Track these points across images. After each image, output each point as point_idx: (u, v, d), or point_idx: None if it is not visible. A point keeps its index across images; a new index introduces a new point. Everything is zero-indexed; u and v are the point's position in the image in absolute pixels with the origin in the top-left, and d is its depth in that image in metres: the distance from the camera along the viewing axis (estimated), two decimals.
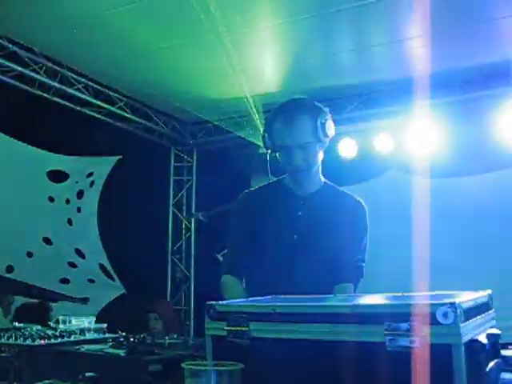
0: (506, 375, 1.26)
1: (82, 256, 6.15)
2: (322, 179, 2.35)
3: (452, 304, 0.88)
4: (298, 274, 2.16)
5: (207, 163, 7.34)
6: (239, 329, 1.12)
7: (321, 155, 2.27)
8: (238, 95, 5.99)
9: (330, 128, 2.19)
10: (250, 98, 5.99)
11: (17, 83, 5.07)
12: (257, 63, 5.49)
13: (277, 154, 2.25)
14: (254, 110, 6.03)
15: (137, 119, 6.43)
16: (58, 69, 5.31)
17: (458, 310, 0.88)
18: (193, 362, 1.08)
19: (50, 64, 5.21)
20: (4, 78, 4.97)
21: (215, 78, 5.68)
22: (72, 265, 6.02)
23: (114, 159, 6.49)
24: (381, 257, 5.84)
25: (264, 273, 2.25)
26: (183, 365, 1.07)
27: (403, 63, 5.17)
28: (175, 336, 2.32)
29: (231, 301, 1.21)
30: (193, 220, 7.57)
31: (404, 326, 0.91)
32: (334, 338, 0.98)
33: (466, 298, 0.98)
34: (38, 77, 5.14)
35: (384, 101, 5.90)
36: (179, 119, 7.11)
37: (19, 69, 4.97)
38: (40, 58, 5.13)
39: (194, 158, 7.68)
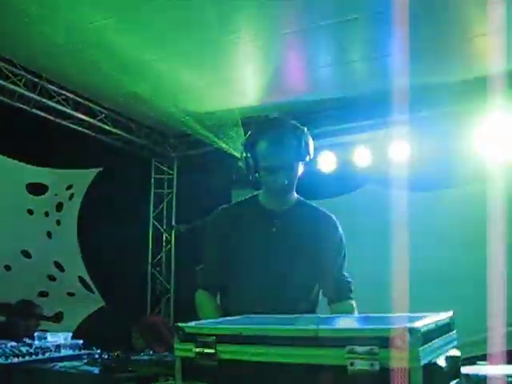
0: None
1: (62, 269, 6.11)
2: (295, 195, 2.38)
3: (411, 329, 0.91)
4: (274, 290, 2.18)
5: (188, 175, 7.34)
6: (207, 351, 1.13)
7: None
8: (219, 108, 6.04)
9: (312, 147, 2.23)
10: (230, 111, 6.04)
11: None
12: (237, 77, 5.54)
13: (257, 174, 2.24)
14: (234, 123, 6.08)
15: (118, 131, 6.42)
16: (38, 81, 5.30)
17: (417, 335, 0.91)
18: None
19: (29, 76, 5.20)
20: None
21: (196, 91, 5.71)
22: (51, 278, 5.97)
23: (94, 171, 6.46)
24: (358, 269, 5.92)
25: (240, 290, 2.27)
26: None
27: (382, 78, 5.23)
28: (151, 352, 2.31)
29: (200, 322, 1.23)
30: (173, 232, 7.57)
31: (364, 349, 0.94)
32: (298, 361, 1.00)
33: (427, 321, 1.01)
34: (18, 89, 5.12)
35: (363, 115, 5.97)
36: (160, 132, 7.11)
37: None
38: (19, 70, 5.12)
39: (175, 170, 7.68)
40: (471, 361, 1.72)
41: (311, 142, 2.23)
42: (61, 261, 6.11)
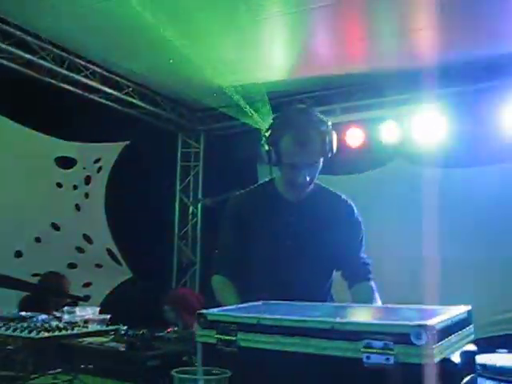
0: (486, 383, 1.31)
1: (90, 241, 6.23)
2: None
3: (426, 326, 0.92)
4: (293, 278, 2.20)
5: (214, 149, 7.37)
6: (228, 338, 1.17)
7: None
8: (245, 82, 6.01)
9: (335, 142, 2.19)
10: (257, 85, 6.01)
11: (25, 70, 5.12)
12: (265, 51, 5.49)
13: (279, 168, 2.23)
14: (261, 98, 6.05)
15: (144, 105, 6.46)
16: (66, 55, 5.35)
17: (431, 332, 0.92)
18: (182, 369, 1.13)
19: (57, 50, 5.25)
20: (13, 66, 5.01)
21: (223, 66, 5.69)
22: (80, 250, 6.10)
23: (121, 145, 6.53)
24: (385, 246, 5.92)
25: (259, 278, 2.29)
26: (173, 372, 1.12)
27: (411, 53, 5.16)
28: (175, 329, 2.36)
29: (221, 309, 1.26)
30: (199, 206, 7.63)
31: (380, 344, 0.95)
32: (314, 352, 1.03)
33: (443, 317, 1.02)
34: (46, 63, 5.17)
35: (391, 90, 5.89)
36: (187, 105, 7.13)
37: (27, 56, 5.01)
38: (47, 45, 5.16)
39: (201, 144, 7.70)
40: (491, 345, 1.73)
41: (335, 137, 2.19)
42: (89, 233, 6.22)
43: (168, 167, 7.50)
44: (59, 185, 5.91)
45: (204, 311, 1.24)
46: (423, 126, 5.76)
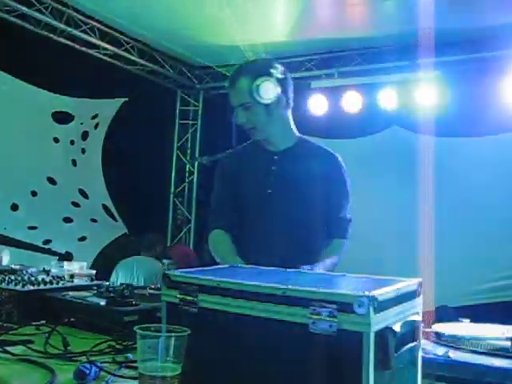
0: (438, 350, 1.37)
1: (86, 196, 6.29)
2: (297, 134, 2.47)
3: (368, 296, 0.98)
4: (274, 227, 2.30)
5: (213, 108, 7.35)
6: (189, 298, 1.23)
7: (278, 114, 2.35)
8: (243, 43, 5.96)
9: (267, 90, 2.26)
10: (255, 46, 5.95)
11: (22, 23, 5.08)
12: (264, 12, 5.43)
13: None
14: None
15: (143, 62, 6.43)
16: (64, 9, 5.30)
17: (373, 302, 0.97)
18: (144, 326, 1.20)
19: (55, 4, 5.20)
20: (9, 17, 4.97)
21: (222, 25, 5.63)
22: (75, 204, 6.17)
23: (119, 101, 6.53)
24: (378, 216, 5.98)
25: (244, 229, 2.39)
26: (135, 328, 1.19)
27: (411, 19, 5.09)
28: (158, 285, 2.44)
29: (185, 271, 1.32)
30: (196, 164, 7.67)
31: (325, 311, 1.01)
32: (266, 316, 1.09)
33: (388, 288, 1.07)
34: (43, 17, 5.13)
35: (391, 56, 5.85)
36: (186, 63, 7.09)
37: (24, 8, 4.96)
38: None
39: (200, 102, 7.69)
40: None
41: (266, 85, 2.26)
42: (85, 188, 6.29)
43: (166, 125, 7.51)
44: (56, 140, 5.95)
45: (168, 272, 1.30)
46: (421, 94, 5.73)
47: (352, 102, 6.14)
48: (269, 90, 2.27)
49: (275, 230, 2.31)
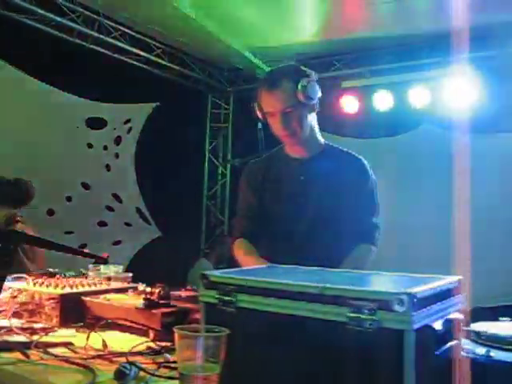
0: (478, 349, 1.35)
1: (119, 200, 6.38)
2: (323, 141, 2.41)
3: (407, 294, 0.97)
4: (299, 237, 2.27)
5: (244, 110, 7.33)
6: (227, 298, 1.24)
7: (311, 118, 2.31)
8: (275, 44, 5.97)
9: (313, 90, 2.22)
10: (286, 46, 5.96)
11: (55, 32, 5.19)
12: (293, 13, 5.43)
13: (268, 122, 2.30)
14: (289, 59, 6.01)
15: (173, 66, 6.49)
16: (96, 17, 5.39)
17: (412, 300, 0.97)
18: (183, 326, 1.21)
19: (87, 12, 5.29)
20: (43, 28, 5.08)
21: (250, 27, 5.65)
22: (109, 208, 6.26)
23: (151, 106, 6.61)
24: (412, 213, 5.91)
25: (272, 238, 2.36)
26: (174, 328, 1.20)
27: (443, 15, 5.02)
28: (194, 287, 2.45)
29: (223, 271, 1.33)
30: (228, 166, 7.71)
31: (364, 310, 1.01)
32: (303, 314, 1.09)
33: (428, 286, 1.06)
34: (76, 26, 5.23)
35: (422, 53, 5.79)
36: (216, 66, 7.13)
37: (57, 18, 5.07)
38: (77, 7, 5.21)
39: (231, 105, 7.73)
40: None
41: (312, 85, 2.21)
42: (119, 193, 6.37)
43: (198, 128, 7.56)
44: (90, 145, 6.04)
45: (207, 272, 1.31)
46: (453, 90, 5.65)
47: (383, 101, 6.10)
48: (314, 91, 2.23)
49: (301, 238, 2.28)
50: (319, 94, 2.25)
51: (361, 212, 2.31)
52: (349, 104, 6.27)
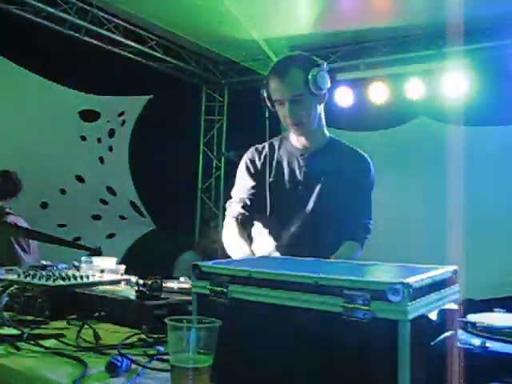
0: (474, 340, 1.34)
1: (114, 193, 6.35)
2: (327, 134, 2.39)
3: (402, 283, 0.95)
4: (298, 230, 2.26)
5: (238, 103, 7.34)
6: (219, 289, 1.21)
7: (319, 110, 2.29)
8: (268, 36, 5.93)
9: (324, 80, 2.19)
10: (280, 39, 5.92)
11: (48, 23, 5.14)
12: (288, 5, 5.39)
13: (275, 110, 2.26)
14: (283, 51, 5.98)
15: (168, 59, 6.45)
16: (89, 8, 5.34)
17: (408, 290, 0.95)
18: (175, 318, 1.19)
19: (80, 4, 5.24)
20: (36, 19, 5.03)
21: (245, 19, 5.62)
22: (104, 202, 6.23)
23: (145, 98, 6.57)
24: (406, 206, 5.91)
25: (275, 227, 2.33)
26: (166, 320, 1.18)
27: (437, 8, 5.00)
28: (187, 279, 2.43)
29: (215, 261, 1.31)
30: (223, 159, 7.68)
31: (358, 300, 0.99)
32: (298, 305, 1.07)
33: (423, 276, 1.04)
34: (69, 17, 5.18)
35: (417, 46, 5.77)
36: (210, 58, 7.09)
37: (50, 9, 5.02)
38: None
39: (225, 97, 7.69)
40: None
41: (323, 75, 2.19)
42: (113, 186, 6.34)
43: (192, 121, 7.53)
44: (83, 138, 6.01)
45: (199, 263, 1.29)
46: (448, 83, 5.63)
47: (378, 94, 6.08)
48: (324, 81, 2.20)
49: (304, 230, 2.27)
50: (329, 85, 2.23)
51: (353, 211, 2.29)
52: (344, 96, 6.25)
